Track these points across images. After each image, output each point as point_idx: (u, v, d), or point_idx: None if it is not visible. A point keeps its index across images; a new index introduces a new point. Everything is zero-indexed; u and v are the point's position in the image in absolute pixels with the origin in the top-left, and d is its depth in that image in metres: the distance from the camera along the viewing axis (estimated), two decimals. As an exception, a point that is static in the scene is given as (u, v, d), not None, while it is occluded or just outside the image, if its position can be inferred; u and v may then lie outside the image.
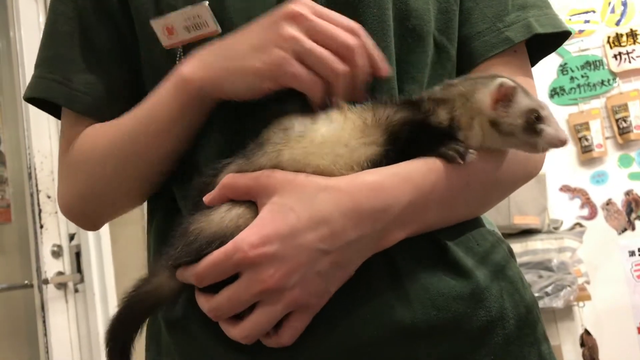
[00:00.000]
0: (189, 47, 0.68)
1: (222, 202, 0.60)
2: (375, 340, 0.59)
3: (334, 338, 0.59)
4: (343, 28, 0.61)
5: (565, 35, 0.77)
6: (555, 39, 0.77)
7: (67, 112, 0.75)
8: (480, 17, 0.75)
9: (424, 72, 0.70)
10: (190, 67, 0.64)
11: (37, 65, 0.76)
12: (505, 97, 0.62)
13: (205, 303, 0.58)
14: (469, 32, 0.74)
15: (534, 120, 0.61)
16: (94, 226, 0.80)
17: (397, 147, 0.61)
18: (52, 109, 0.78)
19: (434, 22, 0.72)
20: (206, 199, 0.61)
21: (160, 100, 0.66)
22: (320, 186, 0.57)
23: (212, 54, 0.64)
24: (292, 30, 0.59)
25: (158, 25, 0.67)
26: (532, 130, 0.61)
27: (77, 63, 0.74)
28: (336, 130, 0.60)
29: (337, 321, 0.60)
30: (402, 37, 0.69)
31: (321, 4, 0.67)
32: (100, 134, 0.72)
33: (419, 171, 0.60)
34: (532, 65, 0.79)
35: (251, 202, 0.60)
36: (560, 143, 0.62)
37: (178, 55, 0.68)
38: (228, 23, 0.67)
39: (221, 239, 0.57)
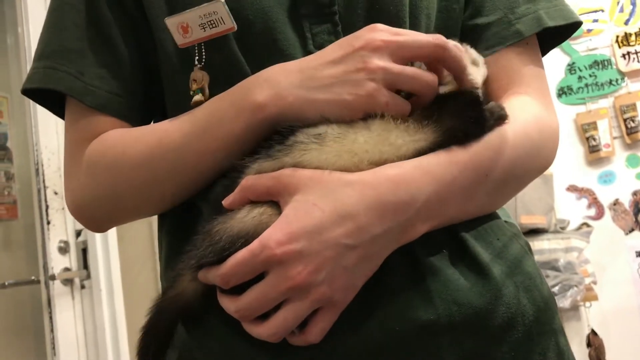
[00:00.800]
0: (203, 47, 0.67)
1: (242, 204, 0.59)
2: (398, 337, 0.59)
3: (356, 335, 0.59)
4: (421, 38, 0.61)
5: (576, 25, 0.76)
6: (566, 29, 0.77)
7: (78, 106, 0.72)
8: (491, 9, 0.75)
9: None
10: (264, 94, 0.61)
11: (45, 57, 0.73)
12: None
13: (230, 304, 0.58)
14: (480, 23, 0.75)
15: None
16: (100, 229, 0.77)
17: (445, 135, 0.61)
18: (49, 104, 0.76)
19: (435, 21, 0.73)
20: (226, 202, 0.60)
21: (219, 119, 0.64)
22: (343, 181, 0.57)
23: (289, 81, 0.61)
24: (379, 61, 0.59)
25: (173, 23, 0.66)
26: None
27: (90, 56, 0.72)
28: (380, 131, 0.60)
29: (360, 318, 0.59)
30: None
31: (338, 1, 0.67)
32: (132, 140, 0.69)
33: (440, 163, 0.60)
34: (544, 54, 0.79)
35: (273, 202, 0.59)
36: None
37: (197, 55, 0.67)
38: (243, 20, 0.66)
39: (245, 237, 0.56)
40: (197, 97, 0.67)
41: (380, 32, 0.60)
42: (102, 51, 0.72)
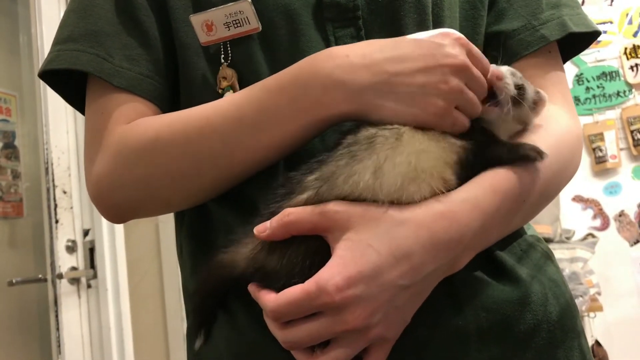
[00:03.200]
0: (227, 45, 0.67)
1: (282, 238, 0.57)
2: (426, 342, 0.60)
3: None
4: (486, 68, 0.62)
5: (595, 35, 0.77)
6: (585, 38, 0.77)
7: (104, 89, 0.70)
8: (514, 16, 0.75)
9: None
10: (330, 95, 0.58)
11: (72, 39, 0.70)
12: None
13: (280, 334, 0.56)
14: (504, 29, 0.75)
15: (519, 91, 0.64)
16: (121, 219, 0.73)
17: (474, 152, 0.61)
18: (64, 90, 0.75)
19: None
20: (260, 231, 0.57)
21: (275, 116, 0.61)
22: (396, 220, 0.55)
23: (357, 81, 0.58)
24: (458, 83, 0.58)
25: (198, 20, 0.67)
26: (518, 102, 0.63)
27: (119, 39, 0.70)
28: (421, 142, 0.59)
29: None
30: None
31: (362, 6, 0.68)
32: (166, 126, 0.66)
33: (485, 194, 0.60)
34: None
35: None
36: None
37: (222, 53, 0.67)
38: (268, 21, 0.66)
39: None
40: (228, 94, 0.66)
41: (460, 49, 0.59)
42: (132, 34, 0.71)
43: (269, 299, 0.56)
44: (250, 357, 0.63)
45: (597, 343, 2.53)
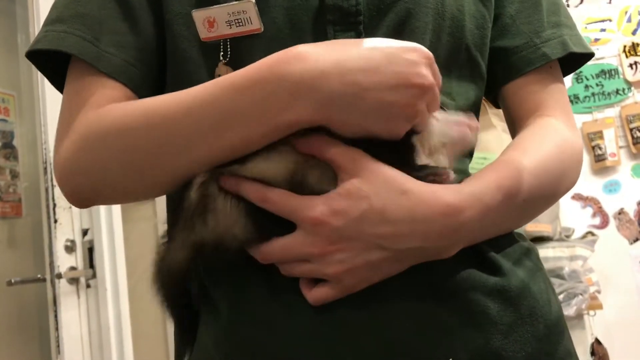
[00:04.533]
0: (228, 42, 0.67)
1: (304, 152, 0.60)
2: (411, 332, 0.60)
3: (368, 329, 0.60)
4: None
5: (590, 56, 0.80)
6: (578, 59, 0.80)
7: (88, 72, 0.68)
8: (517, 33, 0.77)
9: (458, 86, 0.73)
10: (300, 104, 0.56)
11: (60, 20, 0.69)
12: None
13: (260, 245, 0.60)
14: (506, 46, 0.77)
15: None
16: (82, 204, 0.70)
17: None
18: (51, 72, 0.74)
19: (470, 38, 0.73)
20: (300, 143, 0.59)
21: (241, 116, 0.59)
22: (403, 188, 0.57)
23: (328, 90, 0.56)
24: (424, 106, 0.59)
25: (200, 16, 0.66)
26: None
27: (108, 24, 0.69)
28: None
29: (373, 312, 0.60)
30: (436, 51, 0.69)
31: (363, 11, 0.68)
32: (132, 111, 0.64)
33: (489, 190, 0.61)
34: None
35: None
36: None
37: (221, 50, 0.67)
38: (270, 22, 0.66)
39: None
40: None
41: (429, 68, 0.58)
42: (121, 20, 0.70)
43: (262, 186, 0.59)
44: (241, 354, 0.62)
45: (597, 341, 2.53)
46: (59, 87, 0.75)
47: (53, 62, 0.72)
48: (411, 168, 0.60)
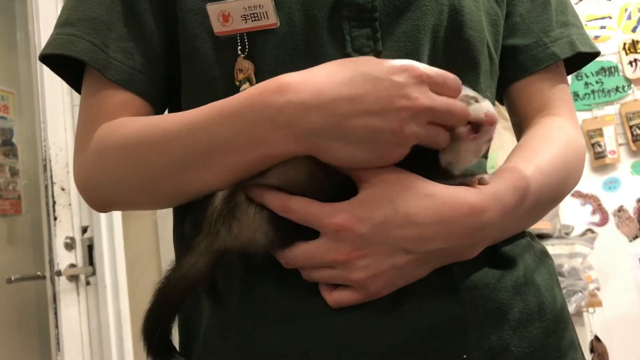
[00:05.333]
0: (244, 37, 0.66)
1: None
2: (426, 331, 0.60)
3: (384, 329, 0.60)
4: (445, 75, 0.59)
5: (596, 55, 0.80)
6: (584, 58, 0.80)
7: (98, 79, 0.69)
8: (527, 31, 0.77)
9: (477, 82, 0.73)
10: (279, 134, 0.56)
11: (69, 23, 0.70)
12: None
13: (283, 251, 0.60)
14: (516, 44, 0.77)
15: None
16: (104, 209, 0.73)
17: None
18: (65, 72, 0.74)
19: (487, 34, 0.73)
20: None
21: (225, 139, 0.59)
22: (426, 192, 0.57)
23: (307, 123, 0.54)
24: (415, 128, 0.55)
25: (214, 10, 0.65)
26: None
27: (116, 29, 0.69)
28: None
29: (385, 308, 0.60)
30: (456, 47, 0.70)
31: (379, 8, 0.68)
32: (136, 133, 0.65)
33: (507, 190, 0.61)
34: None
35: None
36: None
37: (238, 45, 0.67)
38: (285, 18, 0.66)
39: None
40: (245, 87, 0.65)
41: (421, 87, 0.55)
42: (129, 26, 0.70)
43: (284, 195, 0.59)
44: (249, 349, 0.62)
45: (597, 338, 2.53)
46: (74, 85, 0.76)
47: (67, 62, 0.71)
48: (442, 179, 0.60)
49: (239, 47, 0.67)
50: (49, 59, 0.72)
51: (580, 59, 0.80)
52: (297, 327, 0.60)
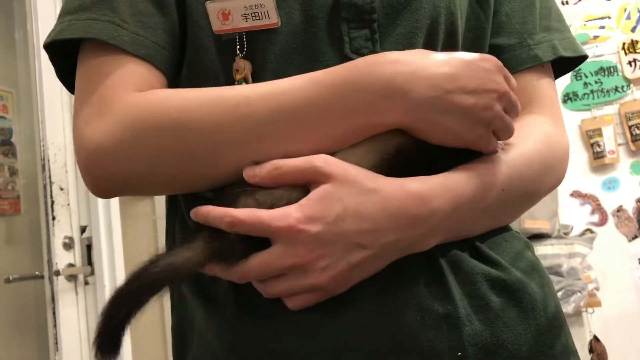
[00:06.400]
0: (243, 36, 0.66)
1: (269, 183, 0.59)
2: (417, 327, 0.60)
3: (376, 323, 0.60)
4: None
5: (583, 58, 0.81)
6: (572, 61, 0.82)
7: (115, 55, 0.64)
8: (512, 31, 0.78)
9: None
10: (389, 102, 0.57)
11: (83, 9, 0.66)
12: None
13: (229, 270, 0.59)
14: (501, 43, 0.78)
15: None
16: (107, 193, 0.66)
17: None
18: (61, 65, 0.70)
19: (462, 40, 0.74)
20: (249, 176, 0.59)
21: (323, 104, 0.58)
22: (371, 187, 0.58)
23: (417, 93, 0.57)
24: (500, 108, 0.61)
25: (214, 8, 0.65)
26: None
27: (135, 5, 0.66)
28: None
29: (379, 306, 0.60)
30: (452, 49, 0.71)
31: (378, 9, 0.68)
32: (197, 99, 0.61)
33: (461, 179, 0.62)
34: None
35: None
36: None
37: (237, 44, 0.66)
38: (286, 17, 0.66)
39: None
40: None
41: (501, 75, 0.61)
42: (148, 2, 0.67)
43: (229, 210, 0.58)
44: (246, 348, 0.62)
45: (596, 338, 2.53)
46: (64, 79, 0.73)
47: (65, 54, 0.69)
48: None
49: (237, 47, 0.66)
50: (51, 47, 0.68)
51: (570, 62, 0.81)
52: (293, 328, 0.60)
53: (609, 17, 2.99)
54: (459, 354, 0.60)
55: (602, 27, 2.99)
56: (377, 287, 0.60)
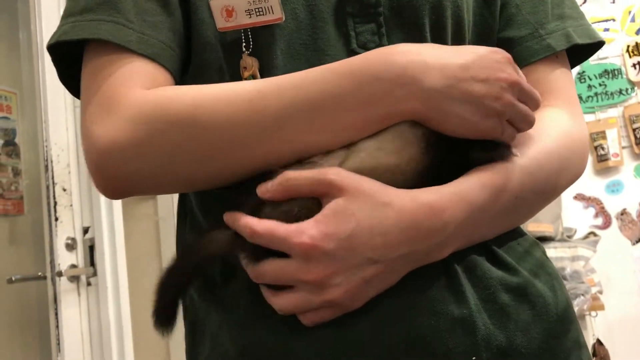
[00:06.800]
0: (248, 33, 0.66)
1: (282, 198, 0.58)
2: (433, 331, 0.59)
3: (390, 327, 0.60)
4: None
5: (599, 45, 0.79)
6: (589, 47, 0.79)
7: (121, 55, 0.64)
8: (523, 23, 0.77)
9: None
10: (405, 90, 0.58)
11: (88, 10, 0.65)
12: None
13: (250, 265, 0.59)
14: (512, 36, 0.76)
15: None
16: (120, 194, 0.65)
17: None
18: (63, 68, 0.69)
19: (469, 34, 0.74)
20: (263, 192, 0.59)
21: (337, 99, 0.58)
22: (384, 201, 0.57)
23: (430, 81, 0.58)
24: (511, 97, 0.60)
25: (217, 5, 0.64)
26: None
27: (140, 4, 0.66)
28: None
29: (393, 310, 0.60)
30: (460, 43, 0.71)
31: (383, 3, 0.68)
32: (211, 94, 0.60)
33: (472, 188, 0.61)
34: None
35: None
36: None
37: (243, 41, 0.66)
38: (289, 11, 0.66)
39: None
40: None
41: (512, 67, 0.61)
42: (152, 1, 0.66)
43: (251, 220, 0.58)
44: (257, 348, 0.62)
45: (599, 342, 2.52)
46: (67, 81, 0.72)
47: (68, 56, 0.68)
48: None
49: (243, 44, 0.66)
50: (54, 49, 0.67)
51: (585, 50, 0.79)
52: (305, 331, 0.60)
53: (614, 20, 2.99)
54: (473, 358, 0.59)
55: (607, 30, 2.98)
56: (391, 291, 0.60)
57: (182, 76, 0.70)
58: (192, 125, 0.59)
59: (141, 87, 0.62)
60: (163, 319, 0.63)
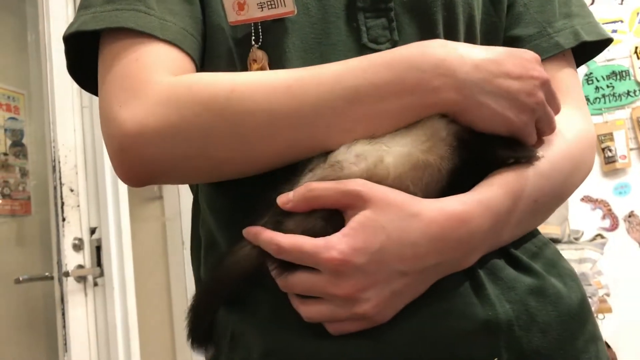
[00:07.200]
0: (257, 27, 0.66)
1: (304, 209, 0.58)
2: (458, 334, 0.59)
3: (415, 331, 0.59)
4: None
5: (607, 42, 0.79)
6: (597, 45, 0.80)
7: (143, 42, 0.63)
8: (531, 21, 0.77)
9: None
10: (440, 80, 0.58)
11: (108, 1, 0.65)
12: None
13: (279, 276, 0.59)
14: (520, 34, 0.77)
15: None
16: (143, 180, 0.63)
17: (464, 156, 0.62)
18: (77, 61, 0.69)
19: (479, 30, 0.74)
20: (284, 202, 0.58)
21: (379, 82, 0.58)
22: (412, 212, 0.57)
23: (465, 72, 0.58)
24: (542, 96, 0.62)
25: None
26: None
27: None
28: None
29: (417, 314, 0.60)
30: (470, 40, 0.71)
31: (394, 6, 0.68)
32: (246, 79, 0.60)
33: (496, 196, 0.61)
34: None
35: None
36: None
37: (252, 34, 0.66)
38: (302, 7, 0.66)
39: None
40: None
41: (542, 66, 0.63)
42: None
43: (276, 236, 0.57)
44: (280, 352, 0.62)
45: (606, 345, 2.51)
46: (75, 73, 0.72)
47: (80, 48, 0.68)
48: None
49: (253, 37, 0.66)
50: (69, 40, 0.67)
51: (593, 47, 0.79)
52: (329, 335, 0.59)
53: (622, 21, 2.97)
54: (495, 359, 0.60)
55: (614, 31, 2.96)
56: (417, 299, 0.60)
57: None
58: (227, 108, 0.58)
59: (167, 73, 0.62)
60: (201, 339, 0.65)
